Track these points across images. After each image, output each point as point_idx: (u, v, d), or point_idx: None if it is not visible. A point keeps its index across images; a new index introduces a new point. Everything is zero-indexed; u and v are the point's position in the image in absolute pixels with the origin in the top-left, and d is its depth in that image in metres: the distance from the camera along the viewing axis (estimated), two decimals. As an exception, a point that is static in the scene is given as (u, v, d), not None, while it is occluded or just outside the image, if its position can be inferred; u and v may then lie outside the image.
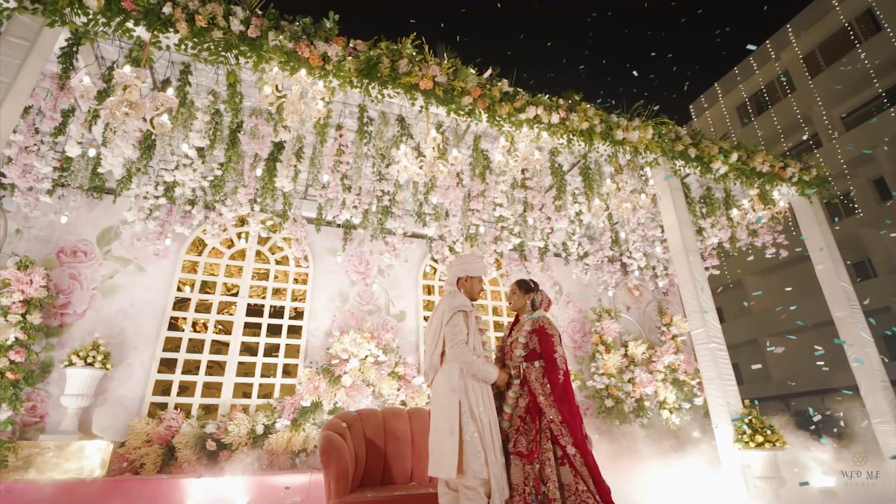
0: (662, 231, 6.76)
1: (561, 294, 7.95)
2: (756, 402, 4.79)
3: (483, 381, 2.80)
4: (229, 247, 6.37)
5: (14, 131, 4.25)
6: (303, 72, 4.06)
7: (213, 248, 6.29)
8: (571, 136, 5.31)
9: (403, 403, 5.95)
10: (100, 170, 4.81)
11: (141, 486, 4.37)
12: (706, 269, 7.28)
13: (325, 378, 5.69)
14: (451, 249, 6.68)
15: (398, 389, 5.98)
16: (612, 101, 5.60)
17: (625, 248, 7.27)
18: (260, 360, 5.92)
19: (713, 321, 5.08)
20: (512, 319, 3.43)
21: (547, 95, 5.16)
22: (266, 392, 6.05)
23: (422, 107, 4.71)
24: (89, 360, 4.90)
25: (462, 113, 4.86)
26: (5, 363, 4.59)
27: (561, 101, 5.23)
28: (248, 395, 5.85)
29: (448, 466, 2.52)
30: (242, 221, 6.28)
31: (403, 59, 4.58)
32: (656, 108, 5.66)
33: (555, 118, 5.16)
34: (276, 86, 4.23)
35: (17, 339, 4.71)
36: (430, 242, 7.07)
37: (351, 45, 4.46)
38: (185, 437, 5.08)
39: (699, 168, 5.92)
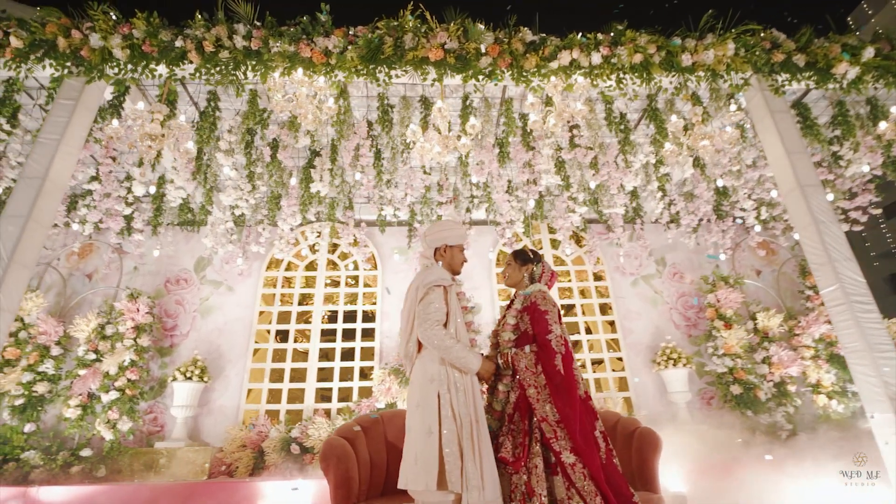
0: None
1: (664, 266, 6.81)
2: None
3: (465, 372, 2.33)
4: (303, 259, 6.68)
5: (98, 181, 4.94)
6: (300, 71, 4.01)
7: (290, 262, 6.66)
8: (622, 76, 4.45)
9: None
10: (172, 204, 5.36)
11: (233, 488, 4.69)
12: (860, 208, 5.59)
13: (397, 379, 5.58)
14: (515, 236, 6.15)
15: (474, 386, 5.62)
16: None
17: (734, 199, 5.92)
18: (337, 364, 6.07)
19: (852, 273, 3.78)
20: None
21: (580, 34, 4.39)
22: (346, 395, 6.16)
23: (434, 80, 4.35)
24: (188, 375, 5.47)
25: (482, 77, 4.37)
26: (124, 381, 5.34)
27: (601, 37, 4.42)
28: (329, 400, 6.02)
29: (424, 475, 2.10)
30: (303, 234, 6.54)
31: (407, 34, 4.28)
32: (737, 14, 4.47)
33: (595, 58, 4.37)
34: (294, 92, 4.26)
35: (131, 360, 5.45)
36: (501, 228, 6.59)
37: (351, 33, 4.31)
38: (273, 441, 5.36)
39: (814, 78, 4.53)
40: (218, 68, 4.23)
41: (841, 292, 3.73)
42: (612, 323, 6.54)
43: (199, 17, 4.20)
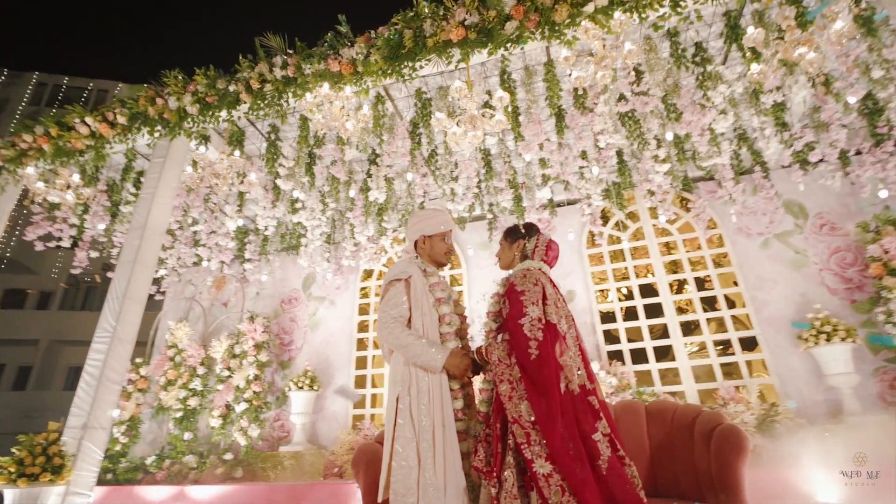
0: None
1: (806, 217, 5.45)
2: None
3: (430, 371, 2.07)
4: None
5: (198, 222, 5.72)
6: (325, 86, 4.12)
7: (380, 272, 6.90)
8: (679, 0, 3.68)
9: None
10: (266, 232, 5.96)
11: (339, 489, 4.96)
12: None
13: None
14: (604, 216, 5.51)
15: (569, 381, 5.13)
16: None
17: (887, 116, 4.45)
18: (431, 366, 6.07)
19: None
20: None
21: (616, -35, 3.75)
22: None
23: (459, 61, 4.10)
24: (300, 385, 5.99)
25: (510, 45, 4.00)
26: (251, 393, 6.05)
27: (642, -40, 3.71)
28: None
29: (381, 484, 1.96)
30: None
31: (425, 21, 4.12)
32: None
33: (640, -13, 3.69)
34: (328, 107, 4.42)
35: (255, 374, 6.16)
36: (581, 206, 5.98)
37: (373, 36, 4.30)
38: (377, 444, 5.57)
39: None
40: (265, 101, 4.58)
41: None
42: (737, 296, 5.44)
43: (244, 60, 4.59)
